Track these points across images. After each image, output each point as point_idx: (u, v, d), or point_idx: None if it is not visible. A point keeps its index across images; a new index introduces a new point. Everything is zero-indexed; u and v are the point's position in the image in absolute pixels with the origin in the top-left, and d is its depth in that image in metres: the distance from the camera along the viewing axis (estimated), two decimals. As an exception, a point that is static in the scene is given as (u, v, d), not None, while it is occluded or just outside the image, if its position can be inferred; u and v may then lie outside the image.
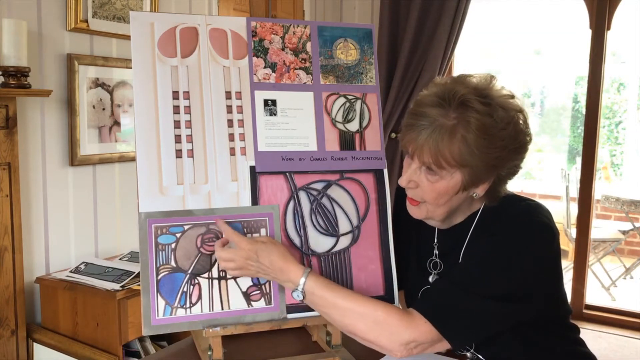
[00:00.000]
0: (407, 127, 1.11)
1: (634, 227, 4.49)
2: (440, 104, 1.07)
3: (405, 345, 1.03)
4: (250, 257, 1.10)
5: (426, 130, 1.06)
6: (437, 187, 1.10)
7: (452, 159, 1.05)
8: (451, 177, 1.08)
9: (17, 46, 2.04)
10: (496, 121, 1.05)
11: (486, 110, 1.05)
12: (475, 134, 1.04)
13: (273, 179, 1.21)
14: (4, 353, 2.12)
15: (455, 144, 1.05)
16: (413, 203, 1.16)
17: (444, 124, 1.05)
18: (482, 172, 1.07)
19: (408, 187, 1.14)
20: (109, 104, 2.52)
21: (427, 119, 1.07)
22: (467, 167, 1.06)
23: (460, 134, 1.04)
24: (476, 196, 1.13)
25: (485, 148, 1.05)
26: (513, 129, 1.07)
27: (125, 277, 2.18)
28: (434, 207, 1.13)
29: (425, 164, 1.09)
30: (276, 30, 1.26)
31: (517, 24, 5.42)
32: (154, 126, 1.16)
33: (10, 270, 2.11)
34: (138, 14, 1.18)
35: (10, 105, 2.08)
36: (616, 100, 6.09)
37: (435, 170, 1.08)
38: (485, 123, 1.04)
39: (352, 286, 1.22)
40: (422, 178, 1.11)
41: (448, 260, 1.20)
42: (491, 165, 1.07)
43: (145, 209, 1.13)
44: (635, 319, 3.36)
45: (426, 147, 1.06)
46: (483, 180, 1.10)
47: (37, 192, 2.30)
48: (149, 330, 1.10)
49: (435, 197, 1.11)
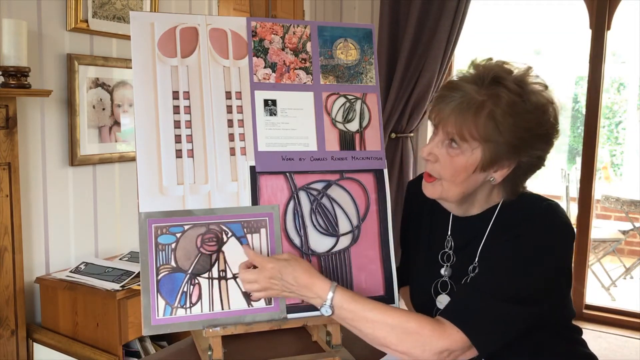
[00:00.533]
0: (437, 99, 1.12)
1: (634, 227, 4.49)
2: (475, 81, 1.09)
3: (438, 354, 1.03)
4: (274, 277, 1.10)
5: (454, 102, 1.08)
6: (455, 163, 1.10)
7: (476, 131, 1.06)
8: (471, 153, 1.08)
9: (17, 46, 2.04)
10: (525, 103, 1.06)
11: (518, 90, 1.07)
12: (503, 110, 1.05)
13: (273, 179, 1.21)
14: (4, 353, 2.12)
15: (482, 117, 1.06)
16: (429, 179, 1.15)
17: (474, 98, 1.06)
18: (503, 152, 1.08)
19: (427, 160, 1.14)
20: (109, 104, 2.52)
21: (459, 92, 1.08)
22: (489, 143, 1.07)
23: (488, 108, 1.06)
24: (493, 181, 1.12)
25: (511, 126, 1.05)
26: (541, 115, 1.08)
27: (125, 277, 2.18)
28: (449, 184, 1.12)
29: (448, 136, 1.09)
30: (276, 30, 1.26)
31: (517, 24, 5.42)
32: (154, 126, 1.16)
33: (10, 270, 2.11)
34: (138, 14, 1.18)
35: (10, 105, 2.08)
36: (616, 100, 6.09)
37: (458, 143, 1.09)
38: (514, 101, 1.06)
39: (352, 286, 1.22)
40: (442, 152, 1.11)
41: (462, 253, 1.20)
42: (513, 146, 1.07)
43: (146, 209, 1.13)
44: (635, 319, 3.36)
45: (452, 118, 1.07)
46: (503, 162, 1.10)
47: (37, 192, 2.30)
48: (149, 330, 1.10)
49: (453, 174, 1.11)
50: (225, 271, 1.15)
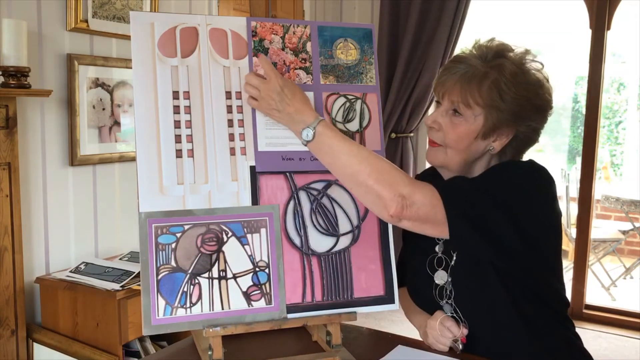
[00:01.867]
0: (442, 72, 1.20)
1: (634, 227, 4.50)
2: (479, 57, 1.17)
3: (401, 197, 1.05)
4: (275, 90, 1.14)
5: (459, 73, 1.16)
6: (458, 130, 1.17)
7: (480, 97, 1.14)
8: (474, 120, 1.16)
9: (17, 46, 2.04)
10: (525, 74, 1.15)
11: (519, 64, 1.16)
12: (507, 78, 1.13)
13: (273, 178, 1.21)
14: (4, 353, 2.12)
15: (486, 84, 1.14)
16: (433, 145, 1.22)
17: (479, 70, 1.15)
18: (503, 119, 1.15)
19: (431, 128, 1.21)
20: (109, 104, 2.52)
21: (464, 64, 1.17)
22: (492, 110, 1.14)
23: (493, 77, 1.14)
24: (492, 150, 1.19)
25: (513, 94, 1.13)
26: (539, 88, 1.16)
27: (125, 277, 2.18)
28: (452, 151, 1.19)
29: (452, 105, 1.17)
30: (276, 30, 1.26)
31: (517, 24, 5.42)
32: (154, 126, 1.16)
33: (10, 270, 2.11)
34: (138, 14, 1.18)
35: (10, 105, 2.08)
36: (616, 100, 6.09)
37: (462, 111, 1.16)
38: (516, 72, 1.14)
39: (352, 286, 1.22)
40: (446, 120, 1.18)
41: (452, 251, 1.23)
42: (513, 114, 1.14)
43: (146, 208, 1.13)
44: (635, 319, 3.36)
45: (457, 86, 1.15)
46: (502, 130, 1.17)
47: (37, 192, 2.30)
48: (149, 330, 1.10)
49: (456, 140, 1.17)
50: (225, 271, 1.15)
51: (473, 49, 1.20)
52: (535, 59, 1.19)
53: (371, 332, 1.34)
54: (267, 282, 1.17)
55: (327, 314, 1.18)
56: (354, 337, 1.30)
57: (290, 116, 1.15)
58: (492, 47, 1.18)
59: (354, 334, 1.31)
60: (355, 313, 1.19)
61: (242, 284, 1.16)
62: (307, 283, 1.19)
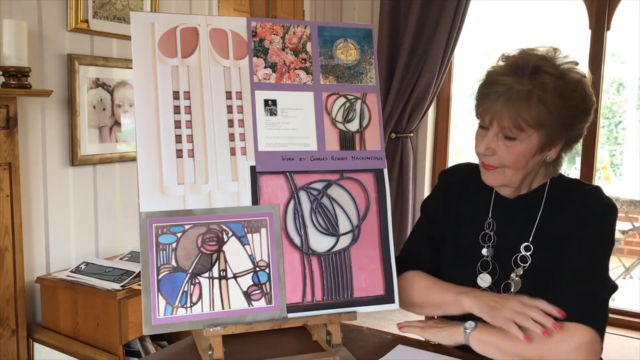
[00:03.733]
0: (482, 97, 1.18)
1: (634, 227, 4.50)
2: (515, 73, 1.15)
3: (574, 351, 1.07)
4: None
5: (503, 97, 1.13)
6: (515, 151, 1.16)
7: (532, 120, 1.12)
8: (529, 140, 1.15)
9: (17, 46, 2.05)
10: (567, 83, 1.14)
11: (558, 74, 1.14)
12: (552, 94, 1.12)
13: (273, 178, 1.21)
14: (5, 353, 2.12)
15: (533, 105, 1.12)
16: (489, 168, 1.21)
17: (520, 90, 1.12)
18: (557, 131, 1.15)
19: (485, 155, 1.20)
20: (109, 104, 2.52)
21: (503, 86, 1.14)
22: (545, 127, 1.14)
23: (537, 96, 1.12)
24: (549, 159, 1.20)
25: (561, 107, 1.13)
26: (582, 90, 1.16)
27: (126, 277, 2.18)
28: (512, 171, 1.19)
29: (504, 130, 1.15)
30: (276, 31, 1.26)
31: (517, 24, 5.42)
32: (154, 126, 1.16)
33: (10, 270, 2.11)
34: (138, 14, 1.18)
35: (10, 105, 2.08)
36: (616, 100, 6.09)
37: (515, 134, 1.14)
38: (559, 85, 1.13)
39: (352, 286, 1.22)
40: (499, 144, 1.17)
41: (507, 233, 1.26)
42: (565, 124, 1.15)
43: (146, 208, 1.13)
44: (635, 319, 3.36)
45: (505, 112, 1.13)
46: (557, 140, 1.18)
47: (38, 192, 2.30)
48: (150, 330, 1.10)
49: (515, 161, 1.17)
50: (225, 271, 1.15)
51: (504, 64, 1.18)
52: (568, 57, 1.18)
53: (371, 331, 1.34)
54: (268, 282, 1.17)
55: (327, 314, 1.18)
56: (354, 337, 1.30)
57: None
58: (526, 59, 1.15)
59: (354, 334, 1.31)
60: (355, 313, 1.20)
61: (243, 283, 1.16)
62: (307, 283, 1.19)
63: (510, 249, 1.25)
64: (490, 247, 1.27)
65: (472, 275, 1.27)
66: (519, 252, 1.24)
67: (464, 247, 1.31)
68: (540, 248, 1.23)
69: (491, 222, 1.29)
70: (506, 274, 1.25)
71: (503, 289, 1.24)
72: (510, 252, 1.25)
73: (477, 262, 1.28)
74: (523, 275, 1.23)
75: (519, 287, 1.22)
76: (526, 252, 1.24)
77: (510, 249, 1.25)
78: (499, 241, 1.27)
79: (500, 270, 1.25)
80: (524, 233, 1.25)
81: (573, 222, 1.19)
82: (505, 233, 1.27)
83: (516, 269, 1.24)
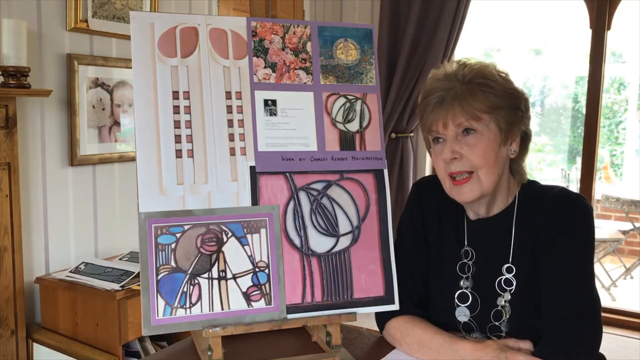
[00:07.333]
0: (425, 108, 1.18)
1: (634, 227, 4.49)
2: (449, 78, 1.17)
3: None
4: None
5: (448, 97, 1.14)
6: (480, 148, 1.14)
7: (484, 105, 1.13)
8: (489, 130, 1.14)
9: (17, 46, 2.04)
10: (500, 75, 1.17)
11: (493, 68, 1.18)
12: (492, 79, 1.14)
13: (273, 179, 1.21)
14: (4, 353, 2.12)
15: (479, 94, 1.13)
16: (463, 181, 1.16)
17: (462, 88, 1.14)
18: (509, 116, 1.15)
19: (452, 161, 1.16)
20: (108, 103, 2.52)
21: (443, 90, 1.15)
22: (498, 111, 1.14)
23: (478, 88, 1.14)
24: (514, 153, 1.18)
25: (503, 86, 1.15)
26: (514, 84, 1.19)
27: (125, 277, 2.18)
28: (485, 172, 1.14)
29: (461, 126, 1.14)
30: (276, 30, 1.26)
31: (517, 24, 5.42)
32: (154, 126, 1.16)
33: (10, 270, 2.11)
34: (138, 13, 1.18)
35: (10, 105, 2.08)
36: (616, 100, 6.09)
37: (474, 126, 1.13)
38: (494, 72, 1.16)
39: (352, 286, 1.22)
40: (462, 146, 1.15)
41: (485, 259, 1.21)
42: (514, 108, 1.16)
43: (145, 209, 1.13)
44: (635, 319, 3.36)
45: (456, 107, 1.13)
46: (514, 129, 1.17)
47: (37, 192, 2.30)
48: (149, 331, 1.10)
49: (483, 157, 1.13)
50: (225, 271, 1.15)
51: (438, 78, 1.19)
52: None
53: (371, 332, 1.34)
54: (267, 283, 1.17)
55: (327, 315, 1.18)
56: (353, 338, 1.30)
57: None
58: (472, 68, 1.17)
59: (353, 335, 1.31)
60: (355, 313, 1.19)
61: (242, 284, 1.16)
62: (307, 283, 1.18)
63: (491, 274, 1.19)
64: (470, 277, 1.22)
65: (450, 310, 1.22)
66: (502, 275, 1.18)
67: (443, 281, 1.25)
68: (523, 268, 1.17)
69: (469, 250, 1.23)
70: (492, 302, 1.19)
71: (494, 317, 1.18)
72: (492, 277, 1.19)
73: (454, 295, 1.22)
74: (511, 300, 1.17)
75: (509, 313, 1.17)
76: (509, 274, 1.18)
77: (492, 274, 1.19)
78: (478, 270, 1.21)
79: (483, 301, 1.20)
80: (503, 255, 1.19)
81: (546, 233, 1.14)
82: (483, 259, 1.22)
83: (503, 294, 1.18)
